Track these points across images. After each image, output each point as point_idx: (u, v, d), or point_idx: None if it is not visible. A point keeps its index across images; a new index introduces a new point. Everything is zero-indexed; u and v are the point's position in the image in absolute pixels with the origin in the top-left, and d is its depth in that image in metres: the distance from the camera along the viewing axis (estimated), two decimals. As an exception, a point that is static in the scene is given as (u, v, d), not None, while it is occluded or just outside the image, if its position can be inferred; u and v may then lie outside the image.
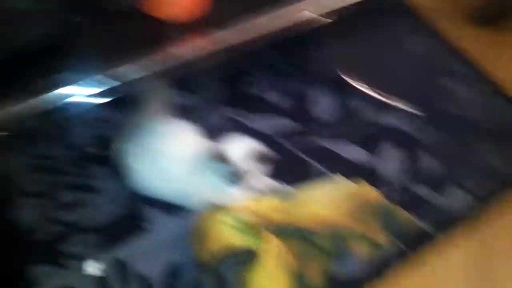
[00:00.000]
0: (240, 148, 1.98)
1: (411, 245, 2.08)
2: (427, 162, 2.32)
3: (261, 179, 2.16)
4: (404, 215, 2.17)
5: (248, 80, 2.65)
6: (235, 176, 1.96)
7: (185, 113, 2.39)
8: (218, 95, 2.56)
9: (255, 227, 2.07)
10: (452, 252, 2.09)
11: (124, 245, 2.10)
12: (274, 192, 2.21)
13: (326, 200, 2.20)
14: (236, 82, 2.64)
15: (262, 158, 1.97)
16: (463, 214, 2.16)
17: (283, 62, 2.71)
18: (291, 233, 2.08)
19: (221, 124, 2.47)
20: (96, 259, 2.04)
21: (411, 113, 2.47)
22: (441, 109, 2.53)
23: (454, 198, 2.20)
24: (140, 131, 2.18)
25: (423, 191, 2.26)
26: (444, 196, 2.21)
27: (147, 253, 2.07)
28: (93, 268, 2.03)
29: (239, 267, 2.00)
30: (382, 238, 2.08)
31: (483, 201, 2.20)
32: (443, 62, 2.71)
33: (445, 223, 2.14)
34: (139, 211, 2.20)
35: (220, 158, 1.95)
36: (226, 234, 2.09)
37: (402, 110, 2.48)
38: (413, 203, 2.19)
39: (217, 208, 2.10)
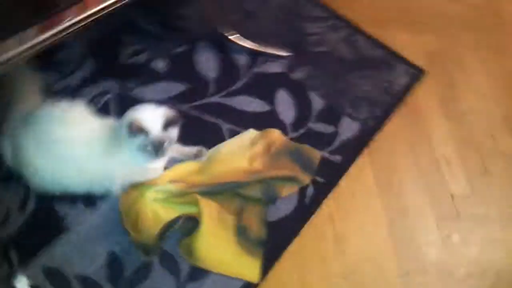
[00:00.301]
0: (152, 116, 1.90)
1: (328, 177, 2.30)
2: (317, 102, 2.53)
3: (175, 147, 2.15)
4: (312, 151, 2.36)
5: (131, 51, 2.55)
6: (156, 145, 1.88)
7: (72, 94, 2.30)
8: (103, 70, 2.40)
9: (184, 194, 2.09)
10: (363, 175, 2.37)
11: (48, 251, 1.91)
12: (189, 157, 2.20)
13: (240, 152, 2.28)
14: (119, 55, 2.52)
15: (174, 122, 1.90)
16: (359, 139, 2.43)
17: (161, 27, 2.64)
18: (219, 191, 2.15)
19: (114, 99, 2.34)
20: (24, 273, 1.82)
21: (287, 57, 2.65)
22: (312, 50, 2.75)
23: (348, 128, 2.45)
24: (27, 123, 1.96)
25: (321, 127, 2.46)
26: (338, 127, 2.44)
27: (79, 252, 1.93)
28: (22, 284, 1.81)
29: (183, 238, 1.99)
30: (303, 176, 2.24)
31: (370, 125, 2.50)
32: (306, 10, 2.94)
33: (348, 151, 2.39)
34: (53, 212, 2.04)
35: (137, 130, 1.85)
36: (159, 210, 2.06)
37: (278, 56, 2.64)
38: (315, 139, 2.39)
39: (138, 186, 2.03)
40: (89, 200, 2.07)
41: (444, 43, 2.91)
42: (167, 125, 1.86)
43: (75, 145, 1.94)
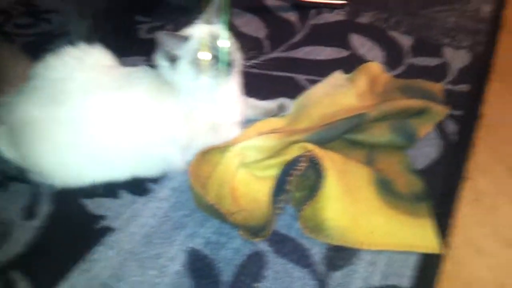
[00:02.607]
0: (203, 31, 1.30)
1: (464, 108, 1.64)
2: (403, 39, 1.99)
3: (250, 102, 1.53)
4: (428, 84, 1.71)
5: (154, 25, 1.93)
6: (219, 56, 1.27)
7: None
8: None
9: (284, 147, 1.33)
10: (505, 100, 1.71)
11: (82, 270, 1.13)
12: (271, 112, 1.51)
13: (340, 92, 1.60)
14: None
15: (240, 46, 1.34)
16: (478, 65, 1.81)
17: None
18: (334, 136, 1.43)
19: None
20: None
21: (342, 6, 2.17)
22: None
23: (456, 56, 1.88)
24: (24, 95, 1.27)
25: (423, 60, 1.88)
26: (444, 58, 1.86)
27: (136, 262, 1.13)
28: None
29: (303, 205, 1.22)
30: (437, 107, 1.54)
31: (480, 51, 1.93)
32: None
33: (473, 78, 1.79)
34: (82, 212, 1.26)
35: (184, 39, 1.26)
36: (252, 177, 1.30)
37: (333, 5, 2.15)
38: (423, 73, 1.79)
39: (212, 150, 1.31)
40: (138, 186, 1.29)
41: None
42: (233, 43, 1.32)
43: (104, 104, 1.21)
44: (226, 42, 1.27)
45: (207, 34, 1.27)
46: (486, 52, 1.93)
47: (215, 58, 1.25)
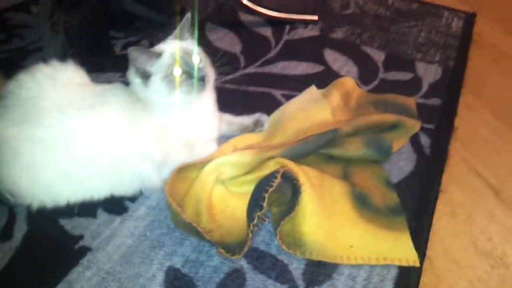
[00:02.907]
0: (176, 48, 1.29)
1: (437, 121, 1.68)
2: (376, 53, 2.04)
3: (226, 118, 1.53)
4: (401, 98, 1.76)
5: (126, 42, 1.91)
6: (191, 71, 1.27)
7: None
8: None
9: (260, 163, 1.34)
10: (476, 114, 1.77)
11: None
12: (246, 128, 1.52)
13: (315, 106, 1.62)
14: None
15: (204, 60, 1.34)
16: (449, 80, 1.84)
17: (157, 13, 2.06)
18: (309, 151, 1.43)
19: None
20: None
21: (317, 22, 2.20)
22: (341, 13, 2.24)
23: (428, 71, 1.91)
24: None
25: (395, 75, 1.92)
26: (417, 72, 1.88)
27: (115, 283, 1.08)
28: None
29: (280, 222, 1.22)
30: (410, 121, 1.58)
31: (451, 65, 1.99)
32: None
33: (444, 93, 1.84)
34: (60, 232, 1.23)
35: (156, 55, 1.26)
36: (227, 193, 1.30)
37: (308, 21, 2.14)
38: (395, 88, 1.82)
39: (187, 167, 1.31)
40: (115, 205, 1.27)
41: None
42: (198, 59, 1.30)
43: (78, 122, 1.20)
44: (197, 57, 1.27)
45: (179, 50, 1.27)
46: (457, 66, 1.98)
47: (188, 73, 1.25)
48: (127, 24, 2.04)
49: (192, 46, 1.30)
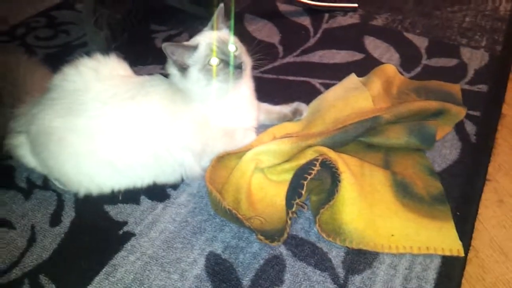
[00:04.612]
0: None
1: (483, 108, 1.62)
2: (418, 40, 1.98)
3: (264, 107, 1.52)
4: (445, 85, 1.71)
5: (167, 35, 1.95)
6: (239, 67, 1.27)
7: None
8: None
9: (298, 151, 1.33)
10: None
11: (107, 274, 1.11)
12: (285, 117, 1.51)
13: (354, 95, 1.59)
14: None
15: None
16: (496, 65, 1.76)
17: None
18: (348, 139, 1.41)
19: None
20: None
21: (357, 9, 2.16)
22: None
23: (473, 57, 1.83)
24: (43, 103, 1.28)
25: (439, 61, 1.86)
26: (462, 58, 1.81)
27: (158, 266, 1.13)
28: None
29: (320, 209, 1.21)
30: (455, 108, 1.53)
31: (498, 50, 1.91)
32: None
33: (491, 78, 1.77)
34: (105, 218, 1.27)
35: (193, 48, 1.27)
36: (267, 180, 1.30)
37: (347, 9, 2.11)
38: (439, 74, 1.77)
39: (227, 155, 1.32)
40: (158, 192, 1.31)
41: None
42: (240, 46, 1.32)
43: (120, 113, 1.23)
44: (233, 46, 1.28)
45: (215, 40, 1.28)
46: (505, 51, 1.90)
47: (225, 62, 1.26)
48: (168, 18, 2.08)
49: (227, 35, 1.31)
